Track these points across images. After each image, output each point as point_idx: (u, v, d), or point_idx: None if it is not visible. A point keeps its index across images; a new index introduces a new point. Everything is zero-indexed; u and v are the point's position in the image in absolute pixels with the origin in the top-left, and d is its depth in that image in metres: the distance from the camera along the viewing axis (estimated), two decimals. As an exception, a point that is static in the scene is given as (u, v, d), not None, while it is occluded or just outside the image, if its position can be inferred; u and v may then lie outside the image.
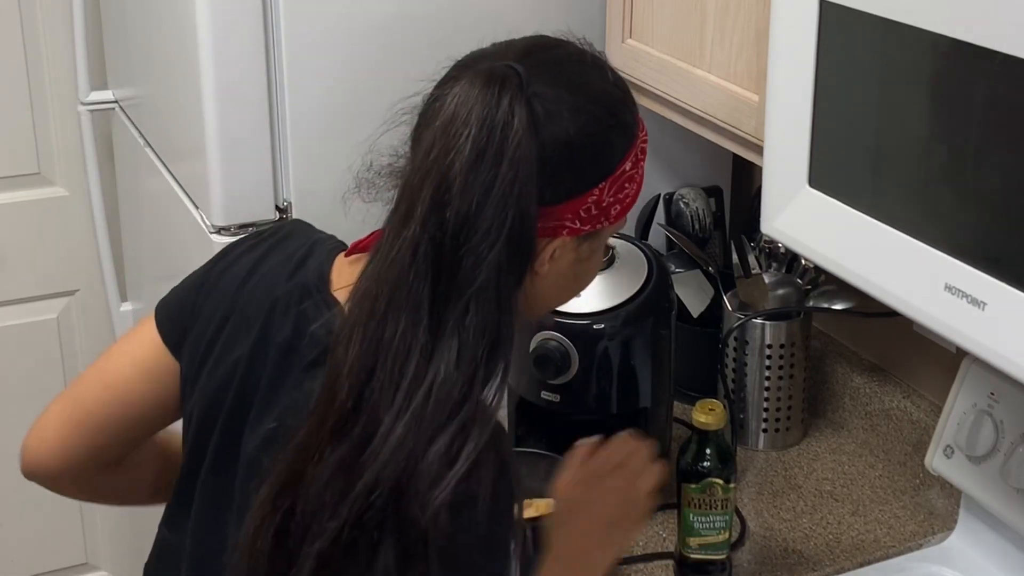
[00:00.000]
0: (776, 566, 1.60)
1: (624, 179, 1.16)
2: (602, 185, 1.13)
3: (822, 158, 1.28)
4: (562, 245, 1.14)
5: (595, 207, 1.14)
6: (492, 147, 1.05)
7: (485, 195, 1.04)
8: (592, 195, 1.13)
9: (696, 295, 1.91)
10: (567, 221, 1.13)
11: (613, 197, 1.15)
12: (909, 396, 1.83)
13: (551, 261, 1.14)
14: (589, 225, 1.14)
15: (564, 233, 1.13)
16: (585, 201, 1.13)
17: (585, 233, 1.15)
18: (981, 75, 1.08)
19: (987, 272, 1.09)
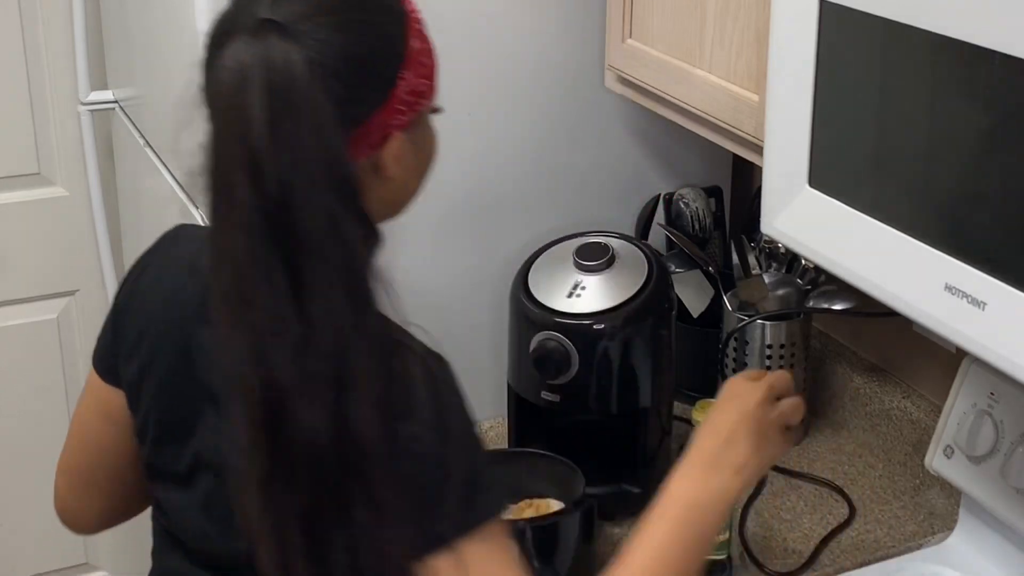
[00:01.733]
0: (776, 566, 1.60)
1: (419, 56, 1.12)
2: (403, 76, 1.10)
3: (822, 158, 1.28)
4: (399, 144, 1.11)
5: (406, 95, 1.10)
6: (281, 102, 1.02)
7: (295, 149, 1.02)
8: (399, 89, 1.10)
9: (696, 295, 1.91)
10: (391, 122, 1.10)
11: (418, 78, 1.11)
12: (909, 396, 1.83)
13: (396, 162, 1.12)
14: (412, 113, 1.11)
15: (396, 133, 1.10)
16: (396, 98, 1.09)
17: (411, 122, 1.12)
18: (981, 75, 1.08)
19: (987, 272, 1.09)
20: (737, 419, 1.26)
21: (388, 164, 1.11)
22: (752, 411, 1.27)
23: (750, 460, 1.25)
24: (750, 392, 1.28)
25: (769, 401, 1.29)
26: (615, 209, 1.95)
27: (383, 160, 1.11)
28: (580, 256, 1.67)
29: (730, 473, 1.24)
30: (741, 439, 1.25)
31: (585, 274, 1.65)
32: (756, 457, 1.25)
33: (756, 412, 1.27)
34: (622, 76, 1.76)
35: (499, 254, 1.88)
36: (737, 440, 1.25)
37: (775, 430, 1.29)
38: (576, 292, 1.64)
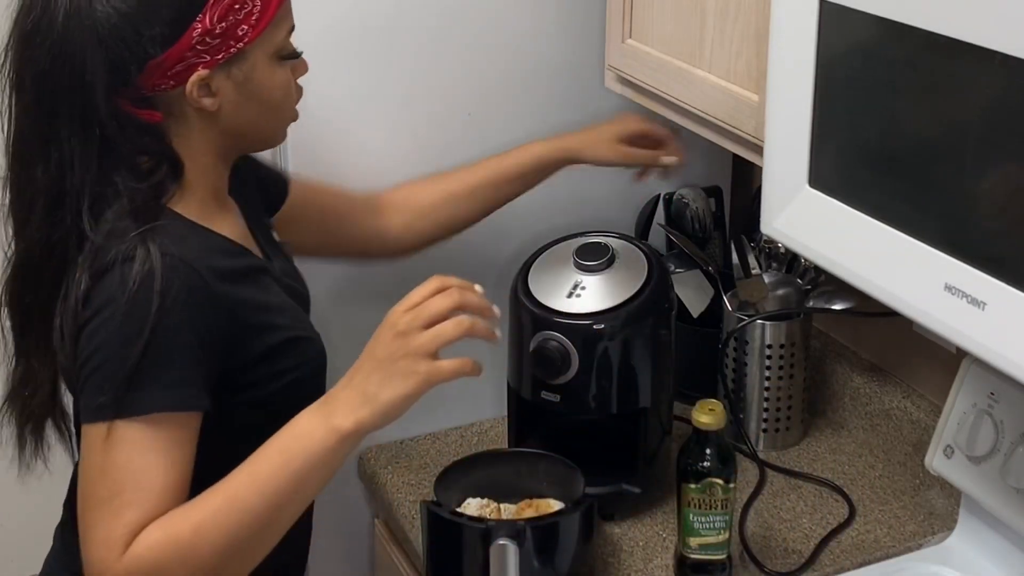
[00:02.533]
0: (776, 566, 1.60)
1: (228, 3, 1.27)
2: (200, 18, 1.26)
3: (822, 158, 1.28)
4: (207, 79, 1.28)
5: (210, 37, 1.27)
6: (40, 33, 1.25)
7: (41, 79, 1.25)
8: (195, 30, 1.26)
9: (696, 295, 1.91)
10: (191, 59, 1.27)
11: (226, 21, 1.27)
12: (909, 396, 1.83)
13: (213, 96, 1.30)
14: (221, 54, 1.28)
15: (200, 68, 1.27)
16: (191, 38, 1.26)
17: (224, 60, 1.29)
18: (981, 75, 1.07)
19: (987, 272, 1.09)
20: (364, 360, 1.26)
21: (194, 96, 1.29)
22: (379, 350, 1.25)
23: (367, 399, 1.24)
24: (384, 328, 1.27)
25: (407, 333, 1.25)
26: (615, 209, 1.95)
27: (191, 93, 1.28)
28: (580, 256, 1.67)
29: (343, 412, 1.24)
30: (358, 378, 1.25)
31: (585, 274, 1.65)
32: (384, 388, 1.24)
33: (381, 348, 1.25)
34: (622, 76, 1.76)
35: (499, 254, 1.88)
36: (355, 381, 1.26)
37: (412, 360, 1.24)
38: (576, 292, 1.64)
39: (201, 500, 1.24)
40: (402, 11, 1.73)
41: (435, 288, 1.28)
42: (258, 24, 1.29)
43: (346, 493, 1.89)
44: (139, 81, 1.27)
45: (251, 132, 1.38)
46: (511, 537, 1.41)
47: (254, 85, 1.33)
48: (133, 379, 1.22)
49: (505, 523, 1.46)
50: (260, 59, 1.32)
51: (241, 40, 1.29)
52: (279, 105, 1.37)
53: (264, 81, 1.33)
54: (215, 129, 1.34)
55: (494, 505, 1.57)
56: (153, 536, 1.21)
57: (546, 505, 1.56)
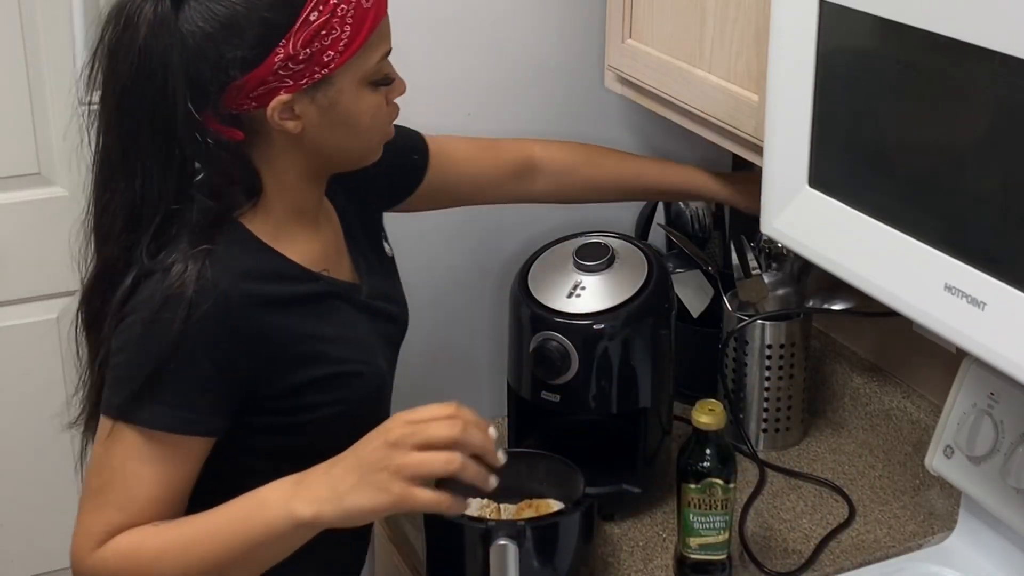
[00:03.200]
0: (776, 566, 1.60)
1: (315, 28, 1.24)
2: (283, 43, 1.24)
3: (822, 158, 1.28)
4: (290, 103, 1.27)
5: (292, 63, 1.24)
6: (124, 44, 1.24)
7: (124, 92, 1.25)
8: (277, 55, 1.24)
9: (696, 295, 1.91)
10: (273, 83, 1.25)
11: (311, 48, 1.24)
12: (909, 396, 1.83)
13: (296, 119, 1.28)
14: (305, 79, 1.26)
15: (282, 93, 1.26)
16: (273, 63, 1.24)
17: (308, 86, 1.27)
18: (981, 75, 1.07)
19: (987, 272, 1.09)
20: (349, 455, 1.20)
21: (275, 119, 1.27)
22: (365, 452, 1.19)
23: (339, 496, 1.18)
24: (379, 431, 1.20)
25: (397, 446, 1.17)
26: (615, 209, 1.95)
27: (272, 116, 1.26)
28: (580, 256, 1.67)
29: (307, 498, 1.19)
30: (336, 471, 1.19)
31: (585, 274, 1.65)
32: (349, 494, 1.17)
33: (367, 452, 1.19)
34: (622, 76, 1.76)
35: (499, 254, 1.88)
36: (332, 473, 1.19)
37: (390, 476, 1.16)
38: (576, 292, 1.64)
39: (174, 526, 1.25)
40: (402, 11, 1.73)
41: (446, 413, 1.19)
42: (346, 51, 1.26)
43: (346, 493, 1.89)
44: (221, 101, 1.25)
45: (337, 154, 1.35)
46: (511, 537, 1.41)
47: (340, 110, 1.30)
48: (142, 390, 1.23)
49: (505, 523, 1.46)
50: (347, 85, 1.29)
51: (327, 66, 1.26)
52: (367, 129, 1.34)
53: (351, 107, 1.31)
54: (299, 150, 1.32)
55: (494, 505, 1.57)
56: (122, 544, 1.24)
57: (546, 505, 1.56)
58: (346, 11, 1.25)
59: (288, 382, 1.30)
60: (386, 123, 1.38)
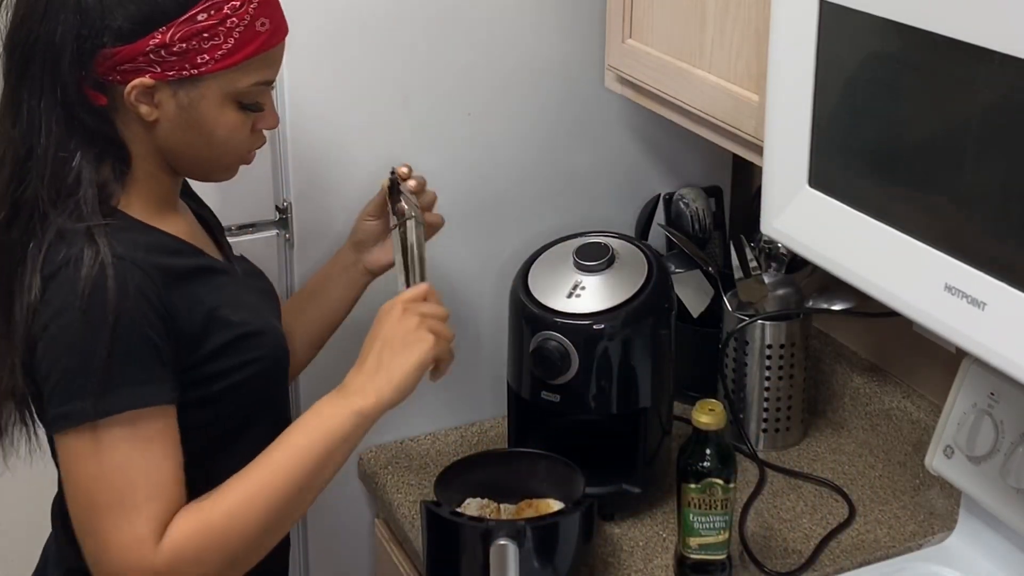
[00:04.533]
0: (776, 566, 1.60)
1: (200, 28, 1.26)
2: (163, 30, 1.25)
3: (822, 158, 1.28)
4: (151, 88, 1.28)
5: (166, 52, 1.26)
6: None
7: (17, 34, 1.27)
8: (153, 38, 1.26)
9: (696, 295, 1.91)
10: (142, 64, 1.26)
11: (187, 44, 1.26)
12: (909, 396, 1.83)
13: (152, 107, 1.29)
14: (173, 71, 1.27)
15: (146, 76, 1.27)
16: (146, 44, 1.26)
17: (173, 79, 1.28)
18: (981, 75, 1.07)
19: (987, 272, 1.09)
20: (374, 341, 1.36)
21: (135, 100, 1.28)
22: (389, 330, 1.36)
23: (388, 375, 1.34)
24: (387, 313, 1.37)
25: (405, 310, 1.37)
26: (615, 209, 1.95)
27: (129, 94, 1.28)
28: (580, 256, 1.67)
29: (368, 393, 1.33)
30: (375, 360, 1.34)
31: (585, 274, 1.65)
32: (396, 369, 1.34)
33: (393, 329, 1.36)
34: (622, 76, 1.76)
35: (499, 254, 1.88)
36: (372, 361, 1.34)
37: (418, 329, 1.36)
38: (576, 292, 1.64)
39: (228, 488, 1.27)
40: (402, 10, 1.73)
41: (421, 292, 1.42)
42: (222, 61, 1.28)
43: (346, 493, 1.89)
44: (91, 64, 1.27)
45: (186, 156, 1.35)
46: (511, 537, 1.41)
47: (196, 114, 1.31)
48: (105, 381, 1.22)
49: (505, 523, 1.46)
50: (212, 93, 1.30)
51: (197, 67, 1.28)
52: (220, 143, 1.34)
53: (208, 115, 1.32)
54: (151, 139, 1.32)
55: (494, 505, 1.57)
56: (188, 524, 1.24)
57: (546, 505, 1.56)
58: (235, 25, 1.27)
59: (199, 353, 1.32)
60: (244, 146, 1.38)
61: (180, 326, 1.29)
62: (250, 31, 1.29)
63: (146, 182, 1.34)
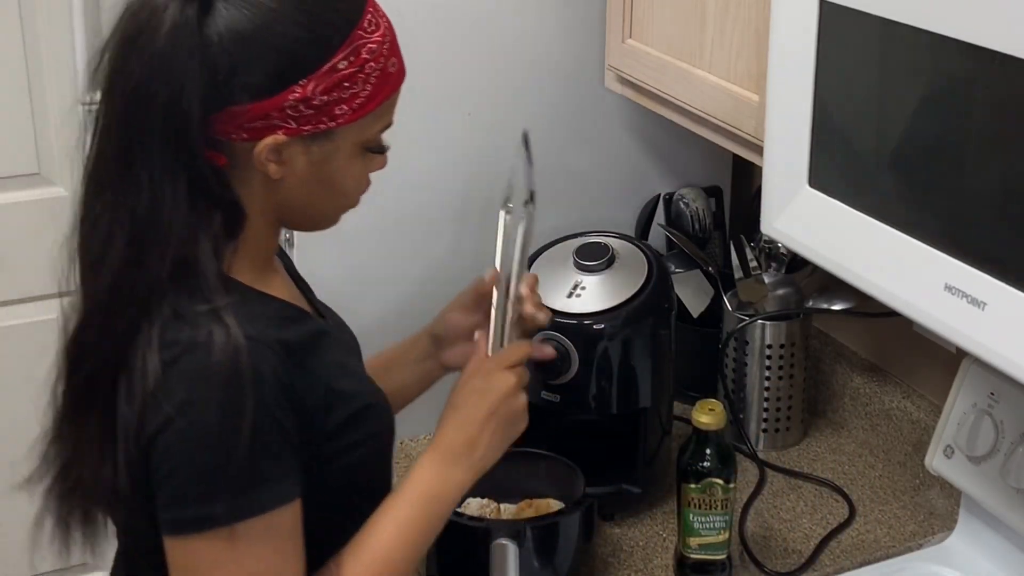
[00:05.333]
0: (776, 566, 1.60)
1: (339, 78, 1.14)
2: (303, 83, 1.12)
3: (822, 158, 1.28)
4: (283, 145, 1.14)
5: (304, 106, 1.13)
6: (141, 41, 1.10)
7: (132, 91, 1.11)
8: (293, 93, 1.12)
9: (696, 295, 1.91)
10: (276, 120, 1.13)
11: (328, 96, 1.14)
12: (909, 396, 1.83)
13: (281, 164, 1.16)
14: (309, 125, 1.14)
15: (279, 133, 1.13)
16: (285, 99, 1.12)
17: (308, 134, 1.15)
18: (981, 75, 1.08)
19: (987, 272, 1.09)
20: (485, 416, 1.26)
21: (262, 158, 1.15)
22: (500, 407, 1.27)
23: (491, 453, 1.28)
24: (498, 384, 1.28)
25: (518, 389, 1.29)
26: (615, 209, 1.95)
27: (257, 151, 1.14)
28: (580, 256, 1.67)
29: (470, 469, 1.26)
30: (486, 438, 1.26)
31: (585, 274, 1.65)
32: (498, 449, 1.28)
33: (504, 407, 1.27)
34: (622, 76, 1.76)
35: (499, 254, 1.88)
36: (483, 439, 1.26)
37: (520, 416, 1.29)
38: (576, 292, 1.64)
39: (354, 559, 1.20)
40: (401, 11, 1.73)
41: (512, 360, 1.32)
42: (360, 110, 1.16)
43: (346, 493, 1.89)
44: (212, 122, 1.13)
45: (306, 210, 1.23)
46: (511, 537, 1.41)
47: (330, 168, 1.19)
48: (244, 479, 1.10)
49: (505, 523, 1.46)
50: (346, 145, 1.18)
51: (335, 120, 1.15)
52: (344, 194, 1.24)
53: (341, 167, 1.20)
54: (271, 197, 1.19)
55: (494, 505, 1.57)
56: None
57: (546, 505, 1.56)
58: (373, 70, 1.16)
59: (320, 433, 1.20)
60: (361, 192, 1.27)
61: (305, 406, 1.17)
62: (384, 74, 1.18)
63: (255, 242, 1.21)
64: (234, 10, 1.11)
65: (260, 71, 1.12)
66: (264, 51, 1.12)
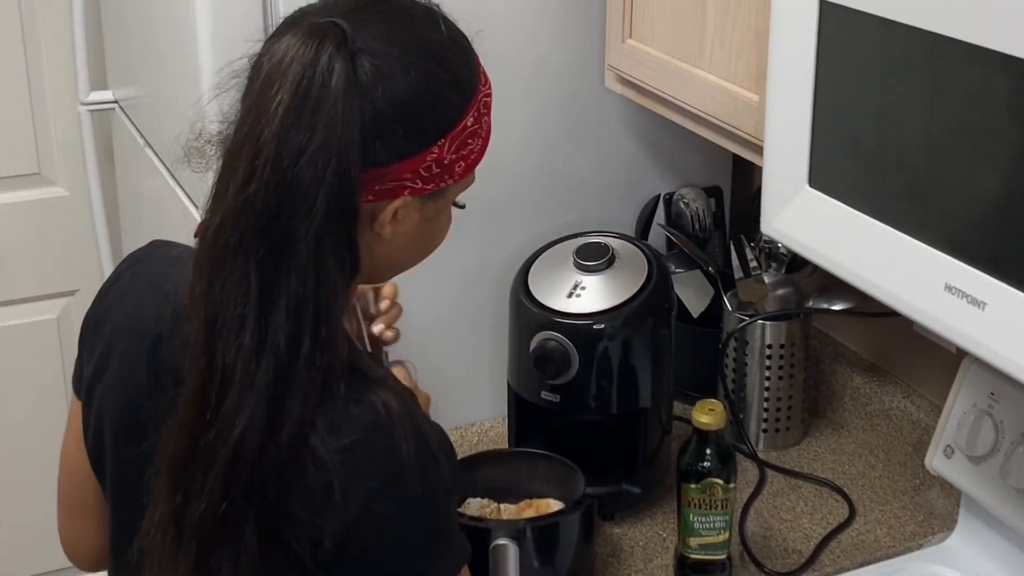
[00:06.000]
0: (776, 566, 1.60)
1: (466, 135, 1.12)
2: (441, 143, 1.10)
3: (822, 158, 1.28)
4: (404, 205, 1.11)
5: (436, 165, 1.10)
6: (307, 108, 1.02)
7: (298, 159, 1.02)
8: (431, 153, 1.09)
9: (696, 295, 1.91)
10: (407, 181, 1.09)
11: (455, 154, 1.11)
12: (909, 396, 1.83)
13: (394, 223, 1.11)
14: (432, 184, 1.11)
15: (406, 193, 1.10)
16: (424, 160, 1.09)
17: (429, 192, 1.11)
18: (981, 75, 1.07)
19: (987, 272, 1.09)
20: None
21: (385, 221, 1.10)
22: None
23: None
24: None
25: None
26: (615, 209, 1.95)
27: (383, 214, 1.10)
28: (580, 256, 1.67)
29: None
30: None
31: (585, 274, 1.65)
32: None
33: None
34: (622, 76, 1.76)
35: (499, 254, 1.88)
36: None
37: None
38: (576, 292, 1.64)
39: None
40: (402, 11, 1.73)
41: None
42: (472, 165, 1.14)
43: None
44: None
45: (395, 267, 1.18)
46: (511, 537, 1.41)
47: (434, 224, 1.16)
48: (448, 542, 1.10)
49: (505, 523, 1.46)
50: (449, 200, 1.16)
51: (453, 176, 1.12)
52: (434, 248, 1.20)
53: (442, 222, 1.17)
54: (374, 256, 1.12)
55: (494, 505, 1.57)
56: None
57: (546, 505, 1.56)
58: (486, 123, 1.15)
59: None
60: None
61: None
62: (488, 125, 1.16)
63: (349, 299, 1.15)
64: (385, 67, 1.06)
65: (408, 132, 1.08)
66: (416, 112, 1.08)
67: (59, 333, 2.52)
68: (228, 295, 1.03)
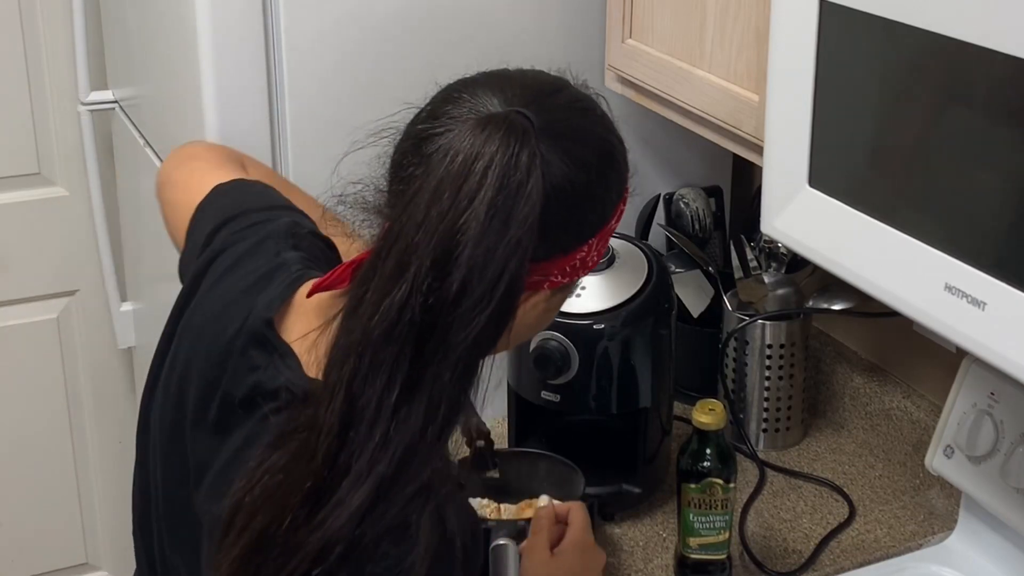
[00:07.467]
0: (776, 566, 1.60)
1: (609, 232, 1.11)
2: (591, 242, 1.08)
3: (822, 158, 1.28)
4: (539, 300, 1.09)
5: (580, 262, 1.08)
6: (504, 211, 0.97)
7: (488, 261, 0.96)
8: (581, 252, 1.08)
9: (696, 295, 1.91)
10: (552, 275, 1.07)
11: (597, 252, 1.10)
12: (909, 396, 1.83)
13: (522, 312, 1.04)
14: (569, 278, 1.09)
15: (545, 287, 1.07)
16: (574, 258, 1.08)
17: (563, 285, 1.10)
18: (981, 75, 1.07)
19: (987, 272, 1.09)
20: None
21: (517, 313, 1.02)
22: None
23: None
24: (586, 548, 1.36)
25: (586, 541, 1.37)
26: (615, 209, 1.95)
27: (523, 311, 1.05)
28: (580, 256, 1.67)
29: None
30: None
31: (585, 274, 1.65)
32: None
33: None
34: (622, 76, 1.76)
35: (499, 254, 1.88)
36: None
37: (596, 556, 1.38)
38: (576, 292, 1.64)
39: None
40: (402, 11, 1.73)
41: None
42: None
43: (346, 493, 1.89)
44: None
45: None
46: (511, 537, 1.41)
47: (550, 316, 1.14)
48: None
49: (505, 523, 1.46)
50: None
51: (587, 269, 1.10)
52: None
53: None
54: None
55: (494, 505, 1.57)
56: None
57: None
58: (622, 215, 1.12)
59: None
60: None
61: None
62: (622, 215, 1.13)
63: None
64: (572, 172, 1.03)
65: (569, 230, 1.05)
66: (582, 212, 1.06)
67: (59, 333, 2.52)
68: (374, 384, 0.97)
